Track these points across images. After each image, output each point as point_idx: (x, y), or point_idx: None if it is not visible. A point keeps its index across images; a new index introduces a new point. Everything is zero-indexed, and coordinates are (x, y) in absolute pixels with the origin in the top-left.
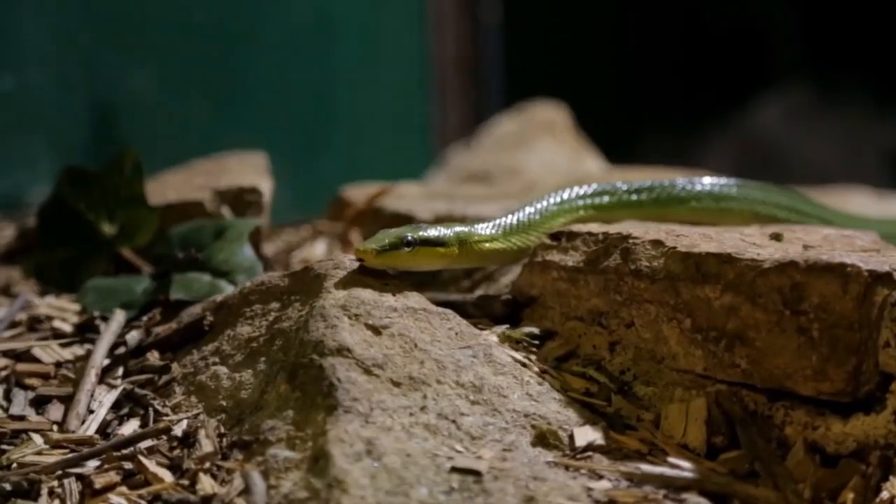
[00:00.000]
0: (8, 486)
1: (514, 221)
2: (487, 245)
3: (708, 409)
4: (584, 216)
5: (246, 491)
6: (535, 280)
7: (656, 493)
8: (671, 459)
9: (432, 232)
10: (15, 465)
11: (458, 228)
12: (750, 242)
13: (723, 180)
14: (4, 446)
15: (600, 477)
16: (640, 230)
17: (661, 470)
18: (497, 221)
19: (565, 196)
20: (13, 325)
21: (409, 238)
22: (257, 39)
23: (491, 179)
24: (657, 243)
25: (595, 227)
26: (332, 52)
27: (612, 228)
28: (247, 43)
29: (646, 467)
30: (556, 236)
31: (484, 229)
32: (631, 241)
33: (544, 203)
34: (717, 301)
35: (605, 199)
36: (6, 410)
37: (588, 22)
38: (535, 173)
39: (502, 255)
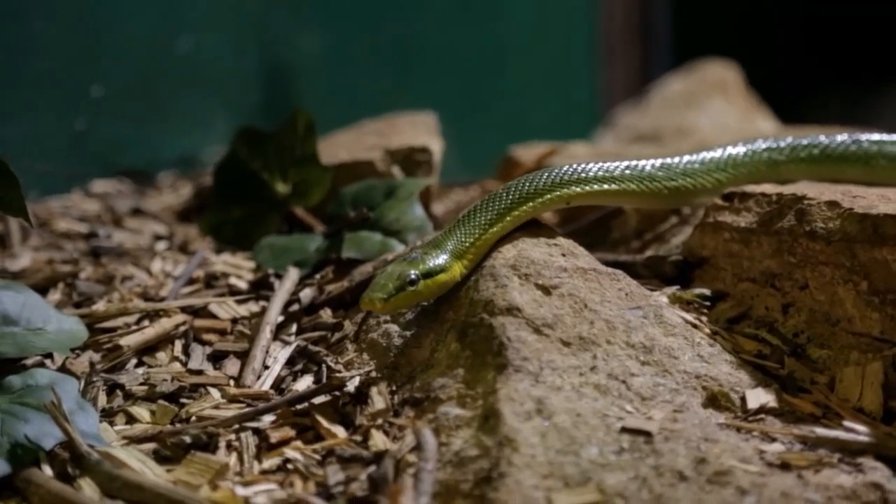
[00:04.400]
0: (188, 439)
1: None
2: (493, 229)
3: (885, 372)
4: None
5: (417, 448)
6: (707, 241)
7: (831, 457)
8: (846, 423)
9: (430, 263)
10: (194, 418)
11: (450, 245)
12: None
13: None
14: (184, 400)
15: (773, 439)
16: (815, 191)
17: (836, 433)
18: (494, 204)
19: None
20: (191, 281)
21: (412, 276)
22: (427, 1)
23: (660, 139)
24: (833, 204)
25: (768, 188)
26: (501, 12)
27: (787, 189)
28: (417, 4)
29: (820, 430)
30: (728, 197)
31: (479, 219)
32: (806, 202)
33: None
34: None
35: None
36: (185, 365)
37: None
38: (705, 133)
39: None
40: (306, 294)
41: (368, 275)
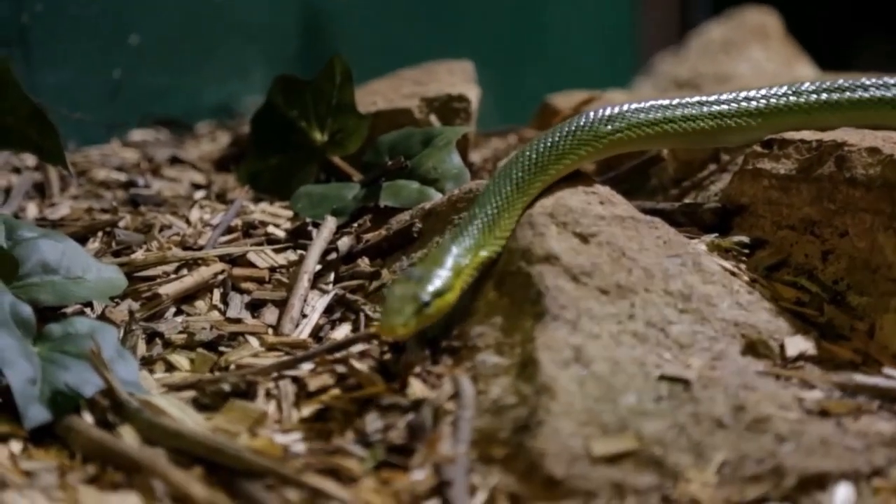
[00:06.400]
0: (227, 387)
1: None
2: (484, 253)
3: None
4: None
5: (455, 396)
6: (746, 188)
7: (870, 404)
8: (886, 370)
9: (437, 283)
10: (233, 366)
11: (450, 260)
12: None
13: None
14: (222, 348)
15: (812, 387)
16: (856, 137)
17: (876, 380)
18: (475, 224)
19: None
20: (229, 230)
21: (426, 299)
22: None
23: (699, 87)
24: (874, 150)
25: (808, 135)
26: None
27: (826, 136)
28: None
29: (859, 377)
30: (767, 144)
31: (470, 240)
32: (846, 148)
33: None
34: None
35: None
36: (223, 313)
37: None
38: (745, 81)
39: (495, 255)
40: (344, 243)
41: (406, 223)
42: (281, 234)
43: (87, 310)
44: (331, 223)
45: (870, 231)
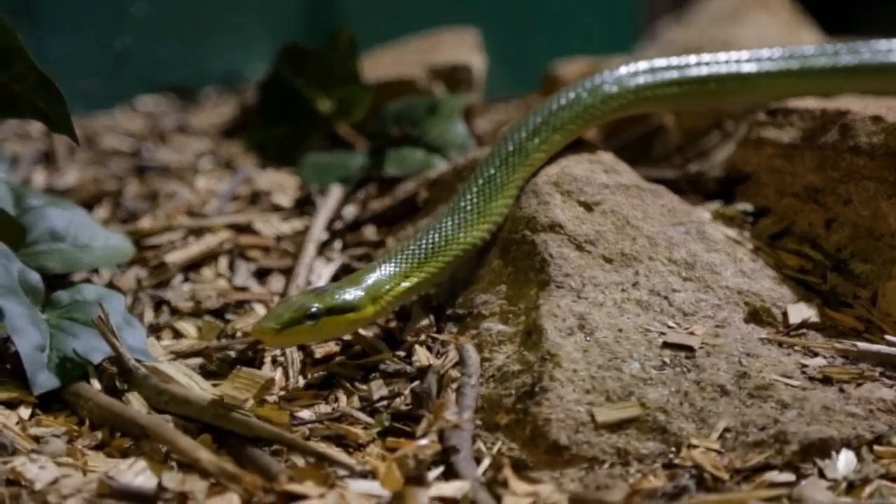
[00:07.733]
0: (233, 354)
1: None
2: (405, 284)
3: None
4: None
5: (460, 363)
6: (750, 157)
7: (872, 371)
8: (888, 337)
9: (339, 297)
10: (239, 333)
11: (369, 281)
12: None
13: None
14: (229, 315)
15: (815, 354)
16: (859, 105)
17: (878, 347)
18: (406, 253)
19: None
20: (235, 198)
21: (314, 310)
22: None
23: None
24: (877, 119)
25: (812, 103)
26: None
27: (830, 104)
28: None
29: (862, 345)
30: (771, 112)
31: (394, 268)
32: (850, 116)
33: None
34: None
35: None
36: (230, 281)
37: None
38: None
39: (419, 289)
40: (350, 211)
41: (411, 192)
42: (287, 202)
43: (95, 277)
44: (336, 192)
45: (873, 199)
